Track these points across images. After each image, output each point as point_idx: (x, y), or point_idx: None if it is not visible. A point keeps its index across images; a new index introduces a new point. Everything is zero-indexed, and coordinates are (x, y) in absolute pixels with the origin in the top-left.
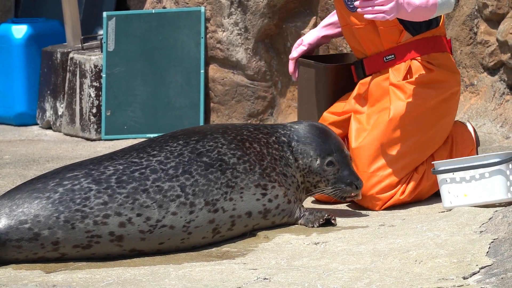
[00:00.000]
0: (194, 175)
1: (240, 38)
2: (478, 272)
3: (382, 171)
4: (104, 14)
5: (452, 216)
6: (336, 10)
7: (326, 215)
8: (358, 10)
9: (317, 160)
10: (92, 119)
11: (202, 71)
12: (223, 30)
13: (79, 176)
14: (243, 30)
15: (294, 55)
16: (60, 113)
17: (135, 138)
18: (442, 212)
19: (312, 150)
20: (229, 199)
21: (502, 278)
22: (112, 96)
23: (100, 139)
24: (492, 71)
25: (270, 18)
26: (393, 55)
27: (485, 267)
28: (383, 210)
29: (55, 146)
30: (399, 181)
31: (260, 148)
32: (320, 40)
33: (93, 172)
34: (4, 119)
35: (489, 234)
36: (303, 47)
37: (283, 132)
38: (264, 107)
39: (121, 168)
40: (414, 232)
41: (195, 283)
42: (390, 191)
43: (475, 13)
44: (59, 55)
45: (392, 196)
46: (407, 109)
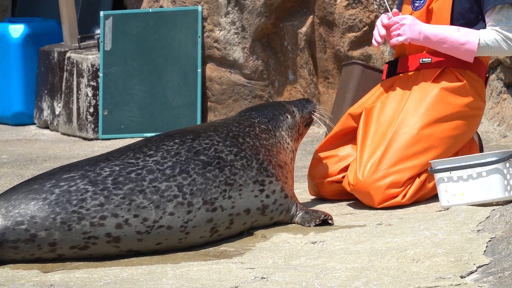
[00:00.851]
0: (191, 174)
1: (237, 37)
2: (476, 271)
3: (388, 167)
4: (101, 13)
5: (450, 215)
6: (402, 1)
7: (323, 216)
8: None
9: (287, 117)
10: (89, 118)
11: (199, 70)
12: (220, 29)
13: (76, 177)
14: (240, 29)
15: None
16: (57, 112)
17: (133, 138)
18: (439, 211)
19: (281, 117)
20: (228, 197)
21: (500, 277)
22: (109, 96)
23: (97, 139)
24: (489, 70)
25: (267, 17)
26: (430, 59)
27: (482, 266)
28: (380, 209)
29: (52, 145)
30: (404, 182)
31: (253, 141)
32: None
33: (89, 173)
34: (1, 118)
35: (486, 233)
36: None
37: (257, 120)
38: None
39: (117, 169)
40: (412, 231)
41: (192, 283)
42: (393, 189)
43: None
44: (56, 55)
45: (394, 197)
46: (426, 111)
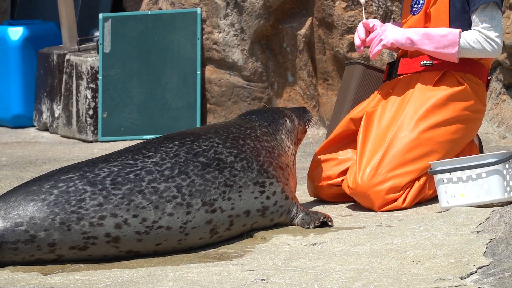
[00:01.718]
0: (190, 175)
1: (236, 39)
2: (476, 272)
3: (387, 171)
4: (100, 15)
5: (449, 216)
6: (403, 7)
7: (322, 218)
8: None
9: (286, 121)
10: (89, 120)
11: (199, 72)
12: (219, 31)
13: (74, 178)
14: (239, 31)
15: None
16: (56, 115)
17: (132, 140)
18: (439, 212)
19: (280, 120)
20: (227, 199)
21: (500, 278)
22: (108, 98)
23: (97, 141)
24: (490, 72)
25: (266, 19)
26: (431, 62)
27: (482, 267)
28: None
29: (52, 148)
30: (403, 186)
31: (254, 143)
32: None
33: (87, 174)
34: (0, 121)
35: (486, 234)
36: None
37: (258, 123)
38: None
39: (116, 169)
40: (411, 233)
41: (192, 285)
42: (392, 194)
43: None
44: (55, 57)
45: (394, 201)
46: (426, 115)
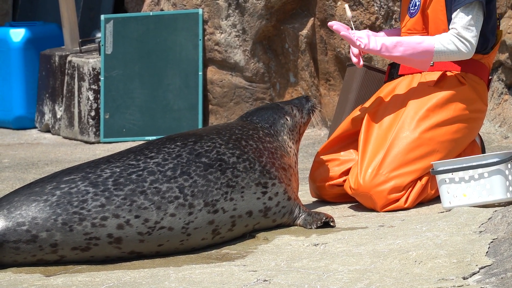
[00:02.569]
0: (192, 176)
1: (238, 40)
2: (478, 272)
3: (389, 171)
4: (102, 17)
5: (452, 217)
6: (401, 11)
7: (324, 218)
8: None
9: (287, 120)
10: (91, 122)
11: (200, 73)
12: (221, 32)
13: (76, 179)
14: (241, 31)
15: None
16: (58, 116)
17: (134, 141)
18: (441, 212)
19: (281, 120)
20: (229, 199)
21: (502, 278)
22: (110, 99)
23: (98, 142)
24: (491, 72)
25: (268, 19)
26: (432, 62)
27: (484, 267)
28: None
29: (54, 149)
30: (405, 186)
31: (256, 144)
32: None
33: (90, 175)
34: (2, 122)
35: (488, 234)
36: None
37: (259, 125)
38: None
39: (118, 170)
40: (414, 233)
41: (195, 286)
42: (395, 194)
43: None
44: (57, 58)
45: (396, 201)
46: (427, 115)
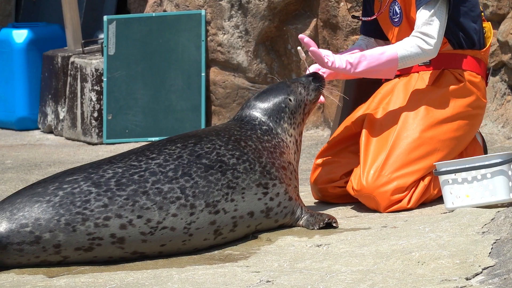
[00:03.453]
0: (194, 177)
1: (240, 40)
2: (481, 272)
3: (391, 172)
4: (105, 18)
5: (455, 217)
6: (382, 28)
7: (327, 219)
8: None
9: (290, 101)
10: (94, 123)
11: (203, 74)
12: (223, 32)
13: (79, 179)
14: (243, 32)
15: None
16: (61, 117)
17: (137, 142)
18: (444, 213)
19: (282, 104)
20: (230, 200)
21: (505, 279)
22: (113, 100)
23: (101, 143)
24: (493, 71)
25: (270, 20)
26: (429, 61)
27: (487, 267)
28: (385, 212)
29: (56, 150)
30: (408, 186)
31: (255, 144)
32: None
33: (92, 175)
34: (5, 123)
35: (491, 234)
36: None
37: (257, 121)
38: None
39: (120, 171)
40: (417, 234)
41: (198, 286)
42: (397, 195)
43: None
44: (60, 59)
45: (399, 202)
46: (427, 114)
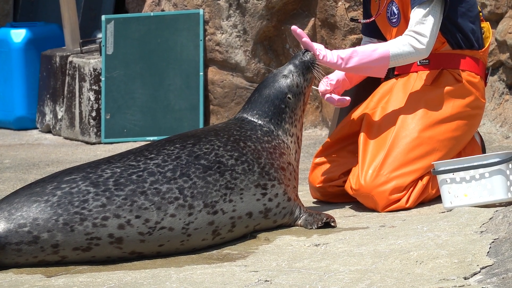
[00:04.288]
0: (192, 177)
1: (239, 40)
2: (479, 272)
3: (390, 171)
4: (103, 17)
5: (453, 217)
6: (380, 29)
7: (325, 219)
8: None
9: (290, 98)
10: (92, 122)
11: (201, 73)
12: (222, 32)
13: (77, 179)
14: (242, 32)
15: (321, 88)
16: (59, 117)
17: (135, 141)
18: (442, 212)
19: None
20: (228, 201)
21: (503, 278)
22: (111, 100)
23: (100, 143)
24: (491, 71)
25: (268, 20)
26: (427, 61)
27: (486, 267)
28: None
29: (55, 150)
30: (406, 186)
31: (255, 145)
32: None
33: (90, 175)
34: (3, 123)
35: (489, 234)
36: (331, 82)
37: (258, 122)
38: None
39: (118, 171)
40: (415, 233)
41: (196, 286)
42: (396, 194)
43: None
44: (58, 59)
45: (397, 201)
46: (426, 114)
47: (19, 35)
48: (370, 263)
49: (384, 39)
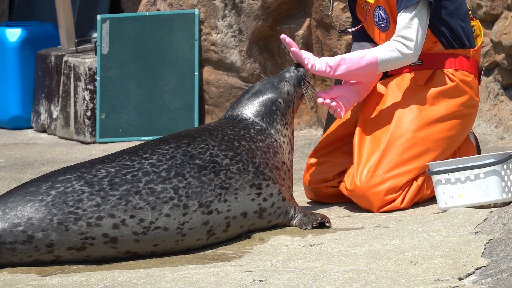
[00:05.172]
0: (187, 177)
1: (234, 40)
2: (474, 273)
3: (385, 172)
4: (98, 17)
5: (447, 217)
6: (370, 34)
7: (320, 219)
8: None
9: (280, 104)
10: (87, 122)
11: (197, 73)
12: (217, 32)
13: (72, 179)
14: (237, 32)
15: (319, 101)
16: (54, 116)
17: (130, 141)
18: (437, 213)
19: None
20: (223, 201)
21: (498, 279)
22: (106, 99)
23: (94, 142)
24: (486, 71)
25: (264, 20)
26: (421, 61)
27: (480, 267)
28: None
29: (49, 149)
30: (401, 186)
31: (249, 144)
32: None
33: (85, 175)
34: None
35: (484, 234)
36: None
37: (250, 121)
38: None
39: (113, 170)
40: (410, 233)
41: (190, 286)
42: (391, 195)
43: None
44: (53, 58)
45: (392, 202)
46: (420, 114)
47: (14, 34)
48: (364, 264)
49: (376, 44)
